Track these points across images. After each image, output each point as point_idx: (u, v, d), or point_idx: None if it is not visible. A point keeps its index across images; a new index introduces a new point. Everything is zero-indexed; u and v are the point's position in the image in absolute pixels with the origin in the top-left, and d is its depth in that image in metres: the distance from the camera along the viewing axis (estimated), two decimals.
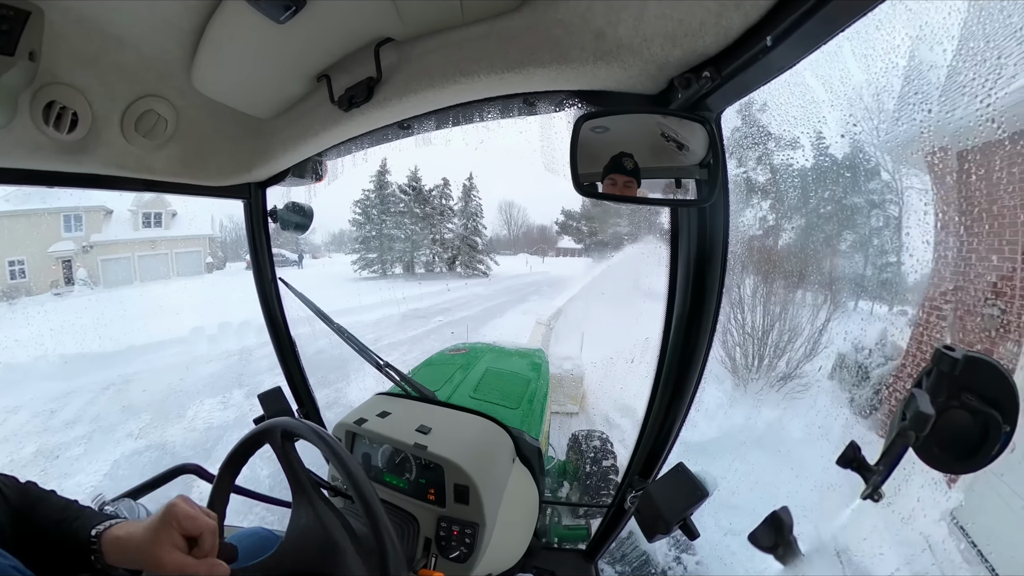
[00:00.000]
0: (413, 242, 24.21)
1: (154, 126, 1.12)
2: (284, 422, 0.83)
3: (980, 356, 0.51)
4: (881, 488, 0.55)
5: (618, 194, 0.81)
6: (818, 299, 6.06)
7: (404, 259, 24.18)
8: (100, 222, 18.26)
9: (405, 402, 1.52)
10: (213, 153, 1.26)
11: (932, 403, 0.53)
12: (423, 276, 23.03)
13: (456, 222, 25.37)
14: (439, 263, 24.99)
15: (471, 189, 25.58)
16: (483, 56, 0.82)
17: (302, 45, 0.93)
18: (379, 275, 23.07)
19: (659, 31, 0.63)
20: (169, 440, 4.94)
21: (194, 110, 1.15)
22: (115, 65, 0.99)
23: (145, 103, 1.08)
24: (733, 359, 5.95)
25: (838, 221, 8.11)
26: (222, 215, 23.04)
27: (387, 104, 0.95)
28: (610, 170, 0.78)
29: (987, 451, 0.49)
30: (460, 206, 25.48)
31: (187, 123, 1.16)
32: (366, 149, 1.32)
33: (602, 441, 3.07)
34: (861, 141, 7.32)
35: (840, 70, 5.30)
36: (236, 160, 1.30)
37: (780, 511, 0.69)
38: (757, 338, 5.94)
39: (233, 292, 13.51)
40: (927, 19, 2.99)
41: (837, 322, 5.75)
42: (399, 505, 1.25)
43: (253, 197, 1.54)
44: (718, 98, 0.71)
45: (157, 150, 1.17)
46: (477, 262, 25.00)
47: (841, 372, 5.34)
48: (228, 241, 23.76)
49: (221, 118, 1.20)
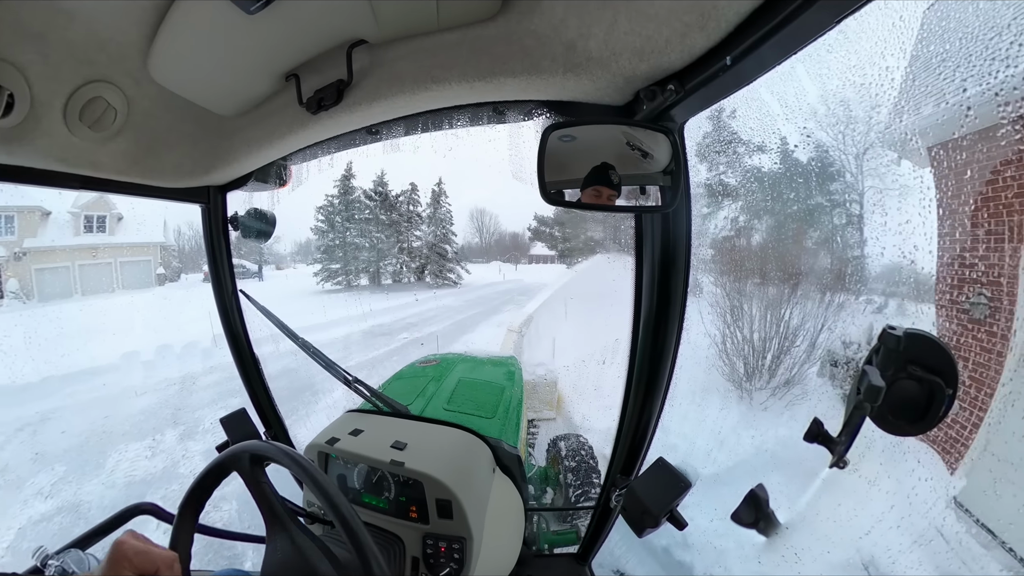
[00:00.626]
0: (379, 251, 23.14)
1: (102, 116, 1.00)
2: (252, 445, 0.78)
3: (920, 332, 0.59)
4: (845, 456, 0.60)
5: (586, 202, 0.84)
6: (802, 296, 6.06)
7: (370, 269, 23.11)
8: (36, 225, 15.98)
9: (377, 418, 1.48)
10: (168, 150, 1.16)
11: (882, 376, 0.59)
12: (390, 287, 22.32)
13: (425, 229, 24.40)
14: (407, 273, 23.99)
15: (440, 194, 24.55)
16: (455, 64, 0.83)
17: (272, 40, 0.89)
18: (344, 287, 22.14)
19: (628, 46, 0.67)
20: (84, 499, 4.20)
21: (148, 101, 1.04)
22: (63, 43, 0.87)
23: (93, 89, 0.96)
24: (735, 371, 5.89)
25: (818, 216, 8.57)
26: (180, 221, 21.09)
27: (356, 108, 0.93)
28: (594, 181, 0.81)
29: (935, 413, 0.56)
30: (429, 212, 24.48)
31: (139, 115, 1.05)
32: (332, 154, 1.28)
33: (581, 443, 3.10)
34: (825, 145, 7.94)
35: (795, 87, 5.84)
36: (193, 160, 1.21)
37: (756, 489, 0.74)
38: (756, 346, 5.88)
39: (184, 308, 11.75)
40: (865, 46, 3.37)
41: (826, 319, 5.76)
42: (381, 526, 1.21)
43: (212, 202, 1.44)
44: (681, 110, 0.76)
45: (104, 143, 1.05)
46: (447, 271, 24.07)
47: (832, 369, 5.45)
48: (187, 250, 21.90)
49: (178, 112, 1.10)
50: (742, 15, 0.56)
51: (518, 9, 0.77)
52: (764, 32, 0.54)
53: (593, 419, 4.78)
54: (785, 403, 5.44)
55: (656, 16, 0.61)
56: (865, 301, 5.94)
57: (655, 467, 1.09)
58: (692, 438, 4.42)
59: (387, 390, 2.04)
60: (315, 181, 1.57)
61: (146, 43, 0.91)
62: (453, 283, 23.81)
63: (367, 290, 21.25)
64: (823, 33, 0.53)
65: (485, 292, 20.42)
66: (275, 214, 1.54)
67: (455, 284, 23.77)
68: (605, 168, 0.81)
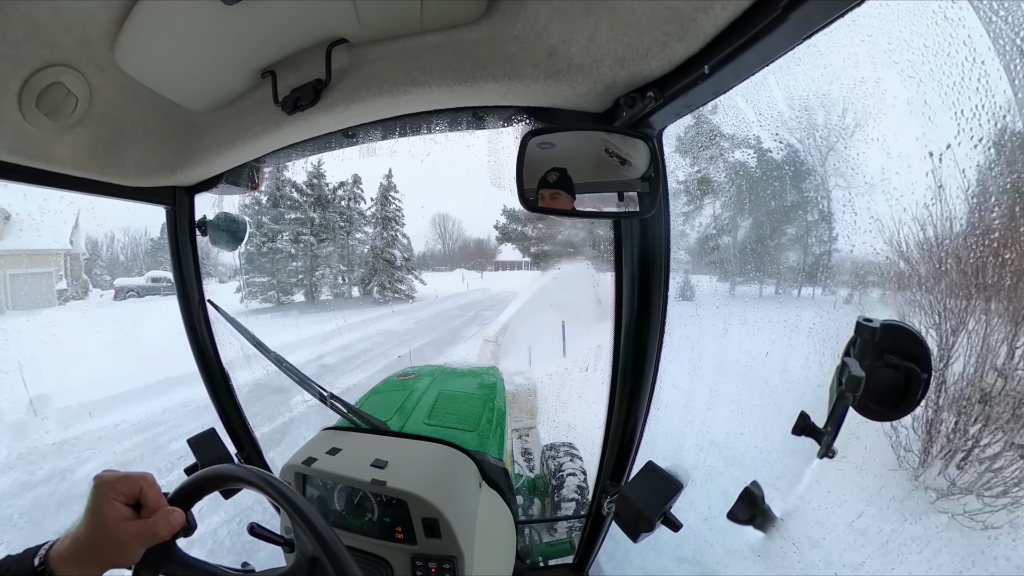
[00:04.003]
0: (313, 258, 18.66)
1: (61, 104, 0.92)
2: (221, 470, 0.73)
3: (894, 322, 0.62)
4: (833, 446, 0.63)
5: (561, 208, 0.85)
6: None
7: (303, 282, 18.66)
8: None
9: (355, 435, 1.43)
10: (131, 146, 1.08)
11: (861, 367, 0.62)
12: (328, 304, 17.89)
13: (369, 231, 20.13)
14: (347, 285, 19.80)
15: (389, 189, 20.04)
16: (436, 67, 0.82)
17: (250, 33, 0.85)
18: (274, 304, 17.88)
19: (609, 53, 0.68)
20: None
21: (112, 91, 0.97)
22: (24, 19, 0.80)
23: (53, 73, 0.88)
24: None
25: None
26: (116, 224, 18.57)
27: (333, 110, 0.90)
28: (541, 185, 0.82)
29: (912, 397, 0.59)
30: (376, 209, 20.07)
31: (102, 105, 0.97)
32: (306, 157, 1.24)
33: (568, 451, 3.09)
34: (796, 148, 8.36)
35: (767, 96, 6.14)
36: (159, 157, 1.13)
37: (751, 486, 0.76)
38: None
39: (82, 335, 9.14)
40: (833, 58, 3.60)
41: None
42: (366, 550, 1.16)
43: (179, 204, 1.36)
44: (660, 117, 0.79)
45: (61, 134, 0.97)
46: (397, 281, 19.68)
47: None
48: (123, 260, 19.45)
49: (144, 105, 1.03)
50: (720, 27, 0.58)
51: (502, 13, 0.77)
52: (740, 43, 0.57)
53: (579, 425, 4.78)
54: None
55: (638, 25, 0.63)
56: None
57: (645, 471, 1.10)
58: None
59: (364, 406, 1.98)
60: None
61: (115, 27, 0.85)
62: (406, 296, 19.61)
63: (296, 308, 16.95)
64: (793, 47, 0.57)
65: (444, 308, 16.66)
66: (246, 219, 1.48)
67: (409, 297, 19.55)
68: (546, 172, 0.81)
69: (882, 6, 0.56)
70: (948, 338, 3.18)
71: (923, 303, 3.36)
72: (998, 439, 2.88)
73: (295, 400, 5.78)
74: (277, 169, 16.25)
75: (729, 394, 5.00)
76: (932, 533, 2.77)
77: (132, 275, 19.05)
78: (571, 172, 0.84)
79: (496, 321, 8.18)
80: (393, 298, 19.10)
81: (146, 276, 18.35)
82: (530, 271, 23.55)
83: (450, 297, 19.43)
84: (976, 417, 2.97)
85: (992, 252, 3.00)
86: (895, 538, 2.82)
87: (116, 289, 17.43)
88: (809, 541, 2.85)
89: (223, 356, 1.58)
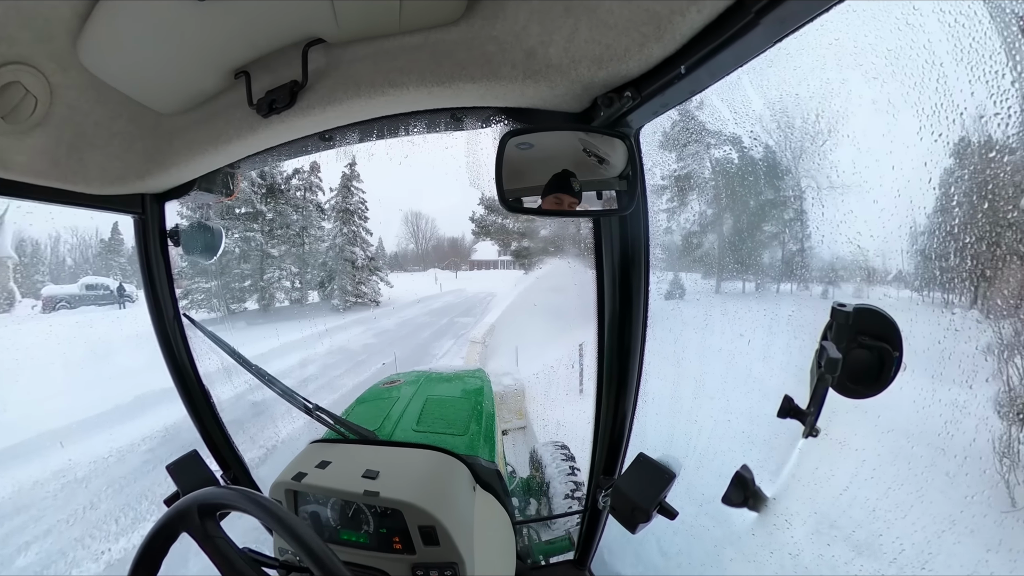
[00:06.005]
0: (263, 259, 15.93)
1: (18, 105, 0.85)
2: (204, 495, 0.70)
3: (865, 305, 0.66)
4: (816, 425, 0.65)
5: (546, 209, 0.86)
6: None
7: (252, 289, 15.91)
8: None
9: (344, 447, 1.41)
10: (95, 151, 1.02)
11: (838, 349, 0.65)
12: (282, 312, 15.50)
13: (328, 226, 17.49)
14: (302, 290, 17.09)
15: (352, 179, 17.40)
16: (414, 68, 0.81)
17: (223, 31, 0.81)
18: (223, 314, 15.40)
19: (587, 54, 0.69)
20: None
21: (75, 91, 0.91)
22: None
23: (11, 72, 0.82)
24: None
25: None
26: (62, 224, 16.16)
27: (310, 112, 0.88)
28: (555, 188, 0.82)
29: (887, 374, 0.63)
30: (337, 201, 17.47)
31: (63, 107, 0.91)
32: (282, 161, 1.22)
33: (559, 448, 3.11)
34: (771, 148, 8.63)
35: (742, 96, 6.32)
36: (125, 163, 1.07)
37: (741, 470, 0.78)
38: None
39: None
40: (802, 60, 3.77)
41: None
42: (365, 564, 1.14)
43: (148, 212, 1.29)
44: (638, 116, 0.80)
45: (19, 138, 0.91)
46: (359, 284, 17.20)
47: None
48: (71, 264, 17.03)
49: (110, 107, 0.97)
50: (696, 29, 0.60)
51: (481, 14, 0.77)
52: (715, 45, 0.59)
53: (569, 422, 4.79)
54: None
55: (616, 26, 0.65)
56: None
57: (637, 463, 1.11)
58: None
59: (351, 416, 1.95)
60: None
61: (78, 23, 0.79)
62: (371, 301, 17.12)
63: (245, 319, 14.66)
64: (766, 49, 0.59)
65: (413, 314, 14.35)
66: (220, 228, 1.41)
67: (373, 303, 17.10)
68: (567, 175, 0.83)
69: (848, 11, 0.59)
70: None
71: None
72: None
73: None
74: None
75: (714, 383, 5.11)
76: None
77: (71, 281, 16.10)
78: (550, 172, 0.84)
79: (476, 328, 7.53)
80: (356, 303, 16.79)
81: (79, 283, 15.71)
82: (509, 270, 21.99)
83: (420, 301, 17.14)
84: None
85: (953, 236, 3.24)
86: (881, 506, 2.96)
87: (43, 299, 14.90)
88: (799, 517, 2.95)
89: (201, 371, 1.52)
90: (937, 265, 3.45)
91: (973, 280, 3.24)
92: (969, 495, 2.73)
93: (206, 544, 0.69)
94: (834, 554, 2.76)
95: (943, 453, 3.00)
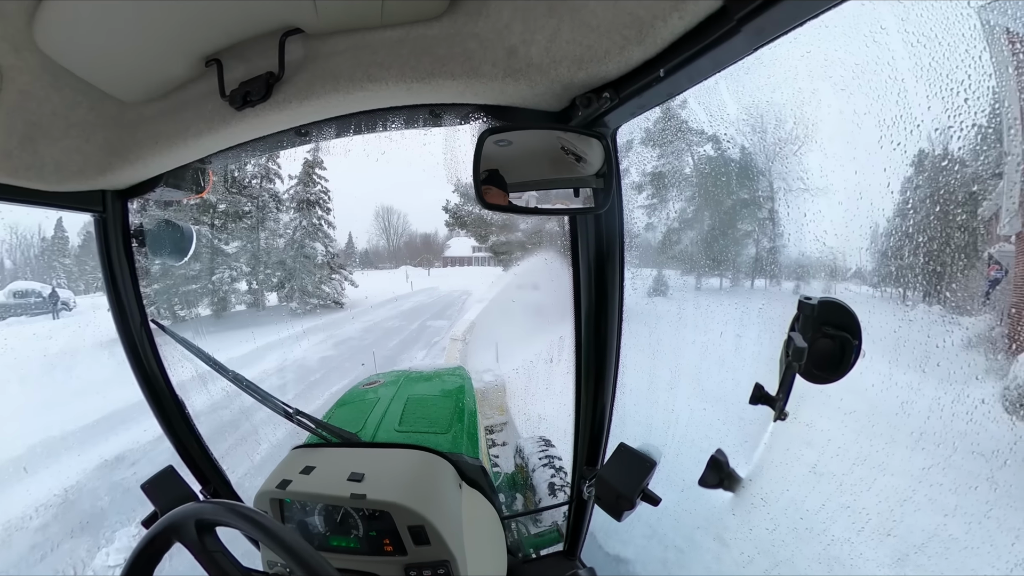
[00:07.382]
0: (212, 259, 13.98)
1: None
2: (188, 510, 0.68)
3: (829, 299, 0.71)
4: (785, 410, 0.70)
5: (522, 206, 0.87)
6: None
7: (200, 293, 13.97)
8: None
9: (328, 451, 1.39)
10: (50, 142, 0.94)
11: (804, 339, 0.70)
12: (236, 318, 13.75)
13: (285, 219, 15.48)
14: (258, 292, 15.16)
15: (314, 166, 15.47)
16: (394, 63, 0.80)
17: (194, 14, 0.76)
18: (172, 321, 13.08)
19: (568, 54, 0.70)
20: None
21: (28, 76, 0.83)
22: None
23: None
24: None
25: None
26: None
27: (286, 106, 0.84)
28: (487, 181, 0.82)
29: (847, 361, 0.68)
30: (297, 191, 15.52)
31: (15, 93, 0.84)
32: (256, 156, 1.19)
33: (542, 441, 3.14)
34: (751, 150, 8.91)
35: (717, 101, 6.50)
36: (84, 156, 0.99)
37: (716, 454, 0.82)
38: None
39: None
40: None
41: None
42: (357, 568, 1.14)
43: (110, 211, 1.21)
44: (615, 116, 0.81)
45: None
46: (320, 283, 15.51)
47: None
48: (8, 265, 14.75)
49: (67, 93, 0.89)
50: (676, 34, 0.61)
51: (465, 10, 0.77)
52: (695, 50, 0.60)
53: (550, 415, 4.84)
54: None
55: (598, 28, 0.65)
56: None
57: (618, 453, 1.14)
58: None
59: (332, 419, 1.92)
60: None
61: (35, 1, 0.73)
62: (334, 303, 15.55)
63: (191, 329, 12.15)
64: (744, 56, 0.61)
65: (381, 317, 12.86)
66: (191, 228, 1.34)
67: (337, 304, 15.50)
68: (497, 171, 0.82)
69: (820, 26, 0.62)
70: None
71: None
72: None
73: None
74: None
75: (689, 374, 5.28)
76: None
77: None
78: (527, 169, 0.85)
79: (450, 332, 6.79)
80: (317, 306, 15.09)
81: (6, 290, 13.53)
82: (484, 267, 20.58)
83: (389, 302, 15.52)
84: None
85: (908, 236, 3.55)
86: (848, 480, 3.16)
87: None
88: (773, 494, 3.12)
89: (173, 381, 1.45)
90: (894, 262, 3.75)
91: (926, 276, 3.58)
92: (926, 467, 3.00)
93: (202, 556, 0.67)
94: (808, 527, 2.94)
95: (901, 430, 3.27)
